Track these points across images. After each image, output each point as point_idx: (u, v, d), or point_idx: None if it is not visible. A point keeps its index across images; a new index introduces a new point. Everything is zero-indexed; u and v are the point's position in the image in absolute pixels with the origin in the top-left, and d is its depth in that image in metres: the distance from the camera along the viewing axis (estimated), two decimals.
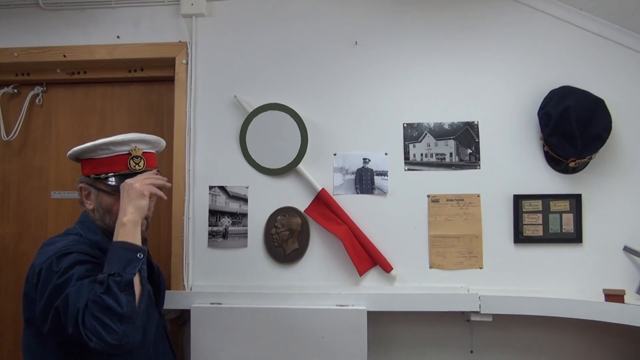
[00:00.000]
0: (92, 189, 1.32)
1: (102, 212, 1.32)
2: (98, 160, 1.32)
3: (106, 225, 1.32)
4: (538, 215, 1.75)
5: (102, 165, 1.31)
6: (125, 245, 1.18)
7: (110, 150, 1.31)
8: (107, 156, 1.31)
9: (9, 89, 2.05)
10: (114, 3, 1.94)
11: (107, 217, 1.31)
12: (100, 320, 1.08)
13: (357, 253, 1.74)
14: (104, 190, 1.31)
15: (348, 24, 1.87)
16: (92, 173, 1.32)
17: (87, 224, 1.33)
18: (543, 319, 1.66)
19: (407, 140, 1.82)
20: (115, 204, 1.29)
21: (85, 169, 1.34)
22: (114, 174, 1.30)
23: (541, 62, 1.80)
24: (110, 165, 1.31)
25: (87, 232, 1.31)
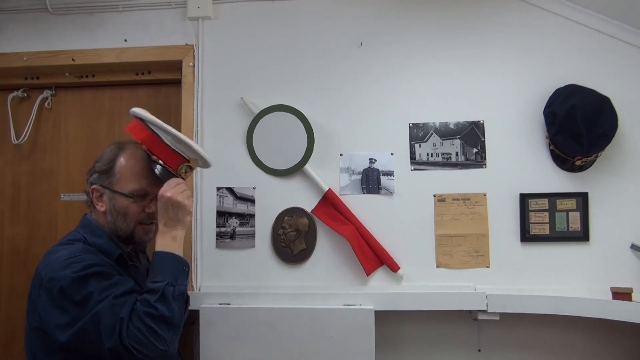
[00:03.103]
0: (105, 190, 1.31)
1: (116, 215, 1.31)
2: (156, 138, 1.31)
3: (117, 228, 1.31)
4: (544, 213, 1.75)
5: (156, 146, 1.31)
6: (176, 257, 1.25)
7: (176, 145, 1.32)
8: (167, 144, 1.31)
9: (18, 93, 2.08)
10: (121, 7, 1.97)
11: (120, 219, 1.31)
12: (151, 329, 1.12)
13: (364, 253, 1.75)
14: (119, 192, 1.30)
15: (353, 25, 1.88)
16: (142, 139, 1.31)
17: (91, 228, 1.32)
18: (550, 317, 1.66)
19: (413, 140, 1.83)
20: (131, 206, 1.30)
21: (138, 134, 1.32)
22: (162, 163, 1.31)
23: (547, 60, 1.80)
24: (164, 154, 1.31)
25: (91, 236, 1.30)
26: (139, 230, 1.33)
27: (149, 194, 1.33)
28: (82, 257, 1.20)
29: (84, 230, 1.31)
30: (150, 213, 1.34)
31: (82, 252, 1.22)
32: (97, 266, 1.19)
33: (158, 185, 1.33)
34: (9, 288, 2.05)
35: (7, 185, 2.09)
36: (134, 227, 1.32)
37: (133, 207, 1.31)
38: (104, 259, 1.25)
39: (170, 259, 1.24)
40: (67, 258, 1.19)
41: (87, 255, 1.22)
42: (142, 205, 1.32)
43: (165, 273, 1.20)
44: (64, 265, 1.17)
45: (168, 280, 1.19)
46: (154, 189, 1.33)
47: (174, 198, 1.26)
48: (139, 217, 1.32)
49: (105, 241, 1.30)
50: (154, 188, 1.33)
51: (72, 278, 1.15)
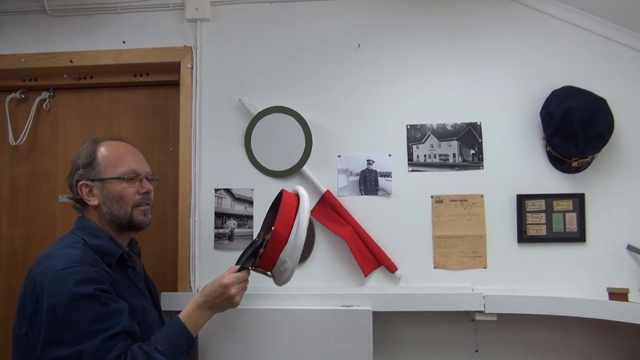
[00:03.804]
0: (95, 183, 1.31)
1: (110, 203, 1.31)
2: (287, 233, 1.34)
3: (115, 217, 1.31)
4: (541, 214, 1.76)
5: (279, 240, 1.33)
6: (189, 339, 1.26)
7: (289, 255, 1.35)
8: (284, 245, 1.34)
9: (16, 94, 2.08)
10: (119, 9, 1.97)
11: (116, 206, 1.31)
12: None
13: (361, 254, 1.76)
14: (111, 178, 1.30)
15: (351, 27, 1.89)
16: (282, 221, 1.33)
17: (88, 229, 1.30)
18: (547, 318, 1.67)
19: (410, 142, 1.84)
20: (125, 189, 1.31)
21: (286, 212, 1.35)
22: (262, 253, 1.33)
23: (543, 62, 1.81)
24: (272, 251, 1.33)
25: (90, 237, 1.28)
26: (136, 212, 1.34)
27: (139, 173, 1.35)
28: (78, 268, 1.16)
29: (82, 232, 1.30)
30: (144, 193, 1.35)
31: (80, 262, 1.18)
32: (94, 283, 1.16)
33: (145, 166, 1.39)
34: (7, 290, 2.05)
35: (5, 187, 2.09)
36: (131, 210, 1.33)
37: (127, 190, 1.32)
38: (100, 271, 1.21)
39: (183, 336, 1.25)
40: (63, 267, 1.16)
41: (84, 267, 1.18)
42: (135, 187, 1.34)
43: (171, 347, 1.21)
44: (59, 277, 1.14)
45: (164, 350, 1.18)
46: (143, 169, 1.37)
47: (230, 293, 1.30)
48: (135, 199, 1.33)
49: (105, 241, 1.29)
50: (142, 167, 1.37)
51: (65, 296, 1.12)
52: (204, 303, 1.31)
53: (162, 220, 2.01)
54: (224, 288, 1.30)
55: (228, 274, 1.33)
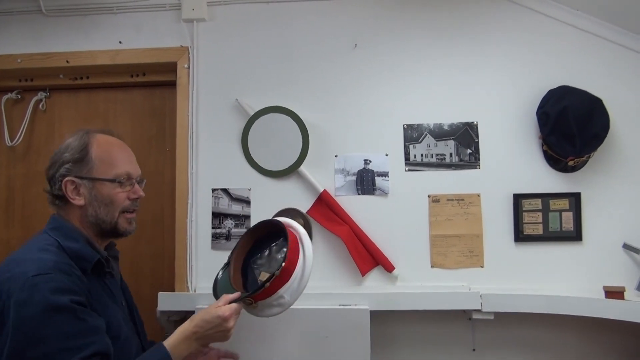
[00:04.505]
0: (84, 181, 1.19)
1: (98, 206, 1.19)
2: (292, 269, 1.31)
3: (100, 221, 1.20)
4: (538, 214, 1.76)
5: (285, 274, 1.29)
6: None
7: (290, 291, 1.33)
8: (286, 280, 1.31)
9: (12, 95, 2.07)
10: (115, 9, 1.96)
11: (103, 209, 1.20)
12: None
13: (359, 253, 1.76)
14: (104, 179, 1.20)
15: (347, 27, 1.89)
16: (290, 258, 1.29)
17: (64, 230, 1.18)
18: (544, 316, 1.67)
19: (407, 141, 1.84)
20: (117, 194, 1.21)
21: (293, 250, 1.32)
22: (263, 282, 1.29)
23: (539, 62, 1.82)
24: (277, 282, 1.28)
25: (65, 240, 1.16)
26: (122, 220, 1.23)
27: (132, 177, 1.26)
28: (52, 276, 1.04)
29: (56, 234, 1.17)
30: (135, 199, 1.26)
31: (54, 270, 1.06)
32: (70, 293, 1.04)
33: (138, 169, 1.28)
34: None
35: (1, 188, 2.08)
36: (118, 216, 1.22)
37: (119, 195, 1.21)
38: (76, 280, 1.09)
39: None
40: (35, 274, 1.03)
41: (58, 275, 1.06)
42: (126, 191, 1.24)
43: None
44: (30, 285, 1.01)
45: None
46: (137, 172, 1.28)
47: (228, 326, 1.20)
48: (124, 204, 1.23)
49: (81, 245, 1.17)
50: (137, 172, 1.28)
51: (36, 308, 1.00)
52: (194, 334, 1.19)
53: (159, 220, 2.01)
54: (221, 320, 1.19)
55: (225, 305, 1.22)
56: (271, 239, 1.44)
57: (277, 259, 1.38)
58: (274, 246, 1.43)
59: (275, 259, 1.40)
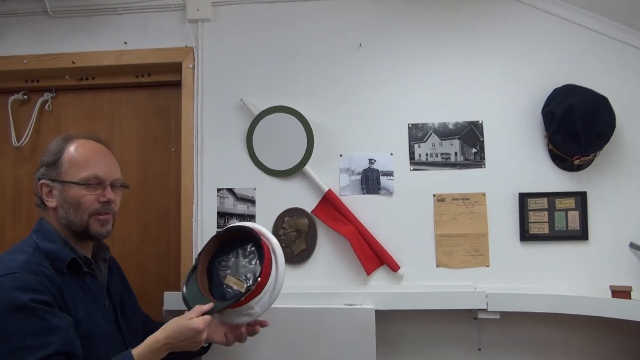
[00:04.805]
0: (55, 184, 1.23)
1: (67, 208, 1.22)
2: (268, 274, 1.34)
3: (70, 223, 1.23)
4: (544, 213, 1.76)
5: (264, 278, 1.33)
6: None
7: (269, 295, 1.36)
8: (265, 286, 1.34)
9: (19, 96, 2.08)
10: (121, 9, 1.97)
11: (72, 212, 1.22)
12: None
13: (364, 253, 1.76)
14: (70, 182, 1.22)
15: (352, 26, 1.89)
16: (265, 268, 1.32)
17: (44, 232, 1.23)
18: (550, 316, 1.67)
19: (412, 141, 1.84)
20: (84, 196, 1.22)
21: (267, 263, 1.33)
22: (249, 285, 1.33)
23: (544, 61, 1.81)
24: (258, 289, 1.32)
25: (43, 241, 1.20)
26: (93, 222, 1.25)
27: (103, 181, 1.26)
28: (18, 275, 1.09)
29: (37, 235, 1.22)
30: (105, 202, 1.26)
31: (21, 269, 1.10)
32: (32, 292, 1.07)
33: (112, 172, 1.28)
34: None
35: (8, 188, 2.10)
36: (88, 219, 1.23)
37: (86, 197, 1.22)
38: (42, 280, 1.12)
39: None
40: (3, 274, 1.09)
41: (25, 274, 1.10)
42: (95, 194, 1.24)
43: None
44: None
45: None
46: (108, 175, 1.27)
47: (201, 338, 1.20)
48: (93, 207, 1.24)
49: (57, 246, 1.20)
50: (108, 174, 1.27)
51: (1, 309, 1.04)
52: (164, 345, 1.18)
53: (164, 220, 2.01)
54: (195, 333, 1.19)
55: (198, 317, 1.22)
56: (238, 242, 1.43)
57: (248, 268, 1.39)
58: (240, 250, 1.42)
59: (244, 266, 1.40)
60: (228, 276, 1.39)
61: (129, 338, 1.32)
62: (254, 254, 1.40)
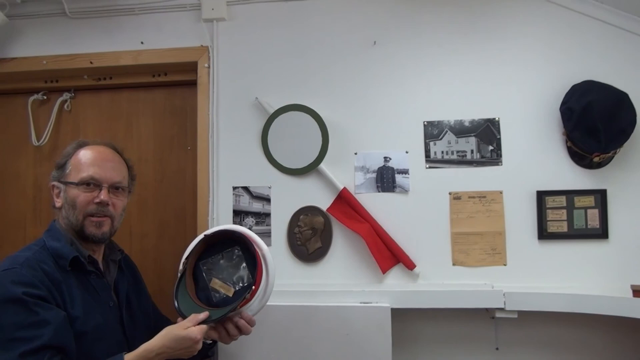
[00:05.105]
0: (61, 185, 1.31)
1: (67, 208, 1.28)
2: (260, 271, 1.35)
3: (70, 223, 1.28)
4: (562, 211, 1.73)
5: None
6: None
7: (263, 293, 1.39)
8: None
9: (38, 96, 2.12)
10: (137, 10, 1.99)
11: (70, 212, 1.27)
12: None
13: (379, 251, 1.75)
14: (70, 182, 1.29)
15: (367, 24, 1.88)
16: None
17: (52, 231, 1.30)
18: (569, 315, 1.64)
19: (427, 138, 1.83)
20: (79, 196, 1.27)
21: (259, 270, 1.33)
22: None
23: (563, 56, 1.78)
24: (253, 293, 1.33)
25: (50, 240, 1.27)
26: (88, 223, 1.28)
27: (99, 182, 1.30)
28: (17, 270, 1.15)
29: (46, 235, 1.30)
30: (99, 203, 1.28)
31: (22, 265, 1.17)
32: (26, 286, 1.12)
33: (110, 175, 1.31)
34: None
35: (28, 187, 2.13)
36: (82, 219, 1.27)
37: (81, 197, 1.27)
38: (40, 275, 1.17)
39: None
40: (5, 269, 1.16)
41: (24, 269, 1.16)
42: (92, 195, 1.28)
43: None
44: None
45: None
46: (105, 178, 1.30)
47: (197, 347, 1.19)
48: (87, 208, 1.27)
49: (62, 244, 1.26)
50: (105, 176, 1.30)
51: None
52: (158, 355, 1.17)
53: (181, 218, 2.03)
54: (192, 342, 1.18)
55: (195, 326, 1.20)
56: (221, 245, 1.40)
57: (235, 272, 1.36)
58: (226, 253, 1.39)
59: (230, 270, 1.37)
60: (214, 279, 1.36)
61: (133, 338, 1.33)
62: (241, 258, 1.37)
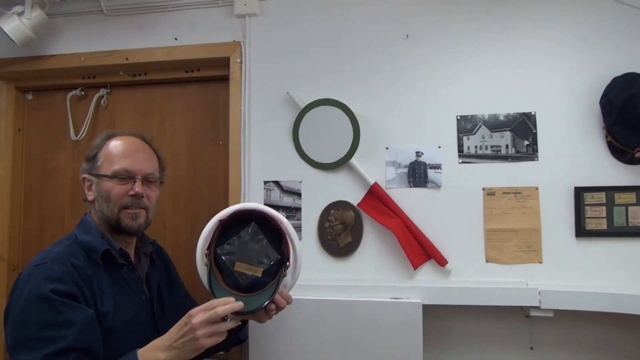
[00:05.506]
0: (93, 178, 1.29)
1: (101, 201, 1.26)
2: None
3: (104, 217, 1.27)
4: (601, 208, 1.68)
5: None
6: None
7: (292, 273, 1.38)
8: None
9: (76, 92, 2.18)
10: (171, 7, 2.02)
11: (105, 205, 1.26)
12: None
13: (410, 246, 1.74)
14: (103, 175, 1.27)
15: (399, 17, 1.86)
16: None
17: (83, 225, 1.30)
18: (608, 315, 1.59)
19: (460, 133, 1.80)
20: (113, 189, 1.25)
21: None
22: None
23: (603, 48, 1.72)
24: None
25: (81, 233, 1.27)
26: (123, 215, 1.26)
27: (133, 174, 1.28)
28: (48, 265, 1.14)
29: (78, 229, 1.29)
30: (133, 195, 1.26)
31: (53, 260, 1.16)
32: (56, 282, 1.11)
33: (143, 167, 1.29)
34: None
35: (67, 180, 2.20)
36: (118, 212, 1.26)
37: (115, 190, 1.25)
38: (69, 270, 1.15)
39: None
40: (36, 264, 1.16)
41: (54, 264, 1.15)
42: (126, 187, 1.27)
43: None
44: (28, 274, 1.14)
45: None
46: (138, 169, 1.28)
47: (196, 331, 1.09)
48: (122, 200, 1.26)
49: (93, 237, 1.25)
50: (138, 168, 1.28)
51: (23, 295, 1.11)
52: (169, 341, 1.12)
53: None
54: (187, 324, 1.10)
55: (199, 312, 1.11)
56: (236, 224, 1.34)
57: (257, 249, 1.30)
58: (243, 232, 1.33)
59: (251, 249, 1.30)
60: (237, 263, 1.29)
61: (164, 330, 1.26)
62: (259, 235, 1.32)
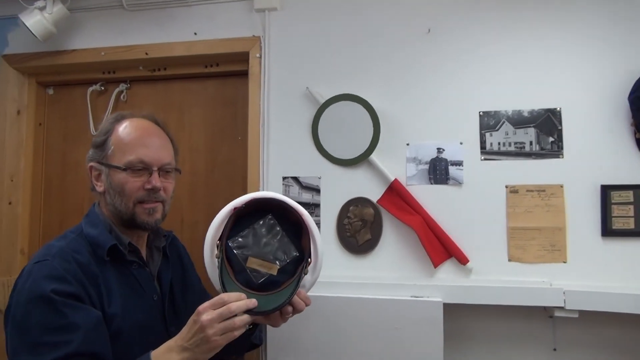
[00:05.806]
0: (102, 167, 1.16)
1: (113, 194, 1.14)
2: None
3: (117, 211, 1.15)
4: (629, 207, 1.63)
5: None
6: None
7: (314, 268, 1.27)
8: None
9: (97, 87, 2.19)
10: (190, 1, 2.02)
11: (118, 199, 1.14)
12: None
13: (431, 244, 1.71)
14: (115, 166, 1.14)
15: (420, 11, 1.83)
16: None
17: (91, 217, 1.18)
18: (635, 317, 1.55)
19: (483, 129, 1.76)
20: (128, 182, 1.13)
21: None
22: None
23: (632, 42, 1.67)
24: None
25: (87, 226, 1.16)
26: (139, 210, 1.15)
27: (149, 165, 1.16)
28: (49, 263, 1.05)
29: (85, 221, 1.18)
30: (150, 189, 1.15)
31: (54, 256, 1.07)
32: (58, 282, 1.02)
33: (160, 156, 1.16)
34: None
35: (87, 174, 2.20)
36: (133, 206, 1.15)
37: (130, 183, 1.13)
38: (73, 268, 1.06)
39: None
40: (37, 261, 1.06)
41: (56, 261, 1.05)
42: (141, 180, 1.15)
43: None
44: (27, 272, 1.06)
45: None
46: (155, 159, 1.16)
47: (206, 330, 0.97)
48: (138, 194, 1.14)
49: (99, 231, 1.14)
50: (155, 158, 1.16)
51: (23, 295, 1.02)
52: (180, 342, 1.02)
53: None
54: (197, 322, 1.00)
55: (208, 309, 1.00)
56: (251, 216, 1.22)
57: (273, 245, 1.19)
58: (258, 225, 1.21)
59: (266, 244, 1.19)
60: (250, 258, 1.17)
61: (174, 332, 1.14)
62: (275, 229, 1.20)
